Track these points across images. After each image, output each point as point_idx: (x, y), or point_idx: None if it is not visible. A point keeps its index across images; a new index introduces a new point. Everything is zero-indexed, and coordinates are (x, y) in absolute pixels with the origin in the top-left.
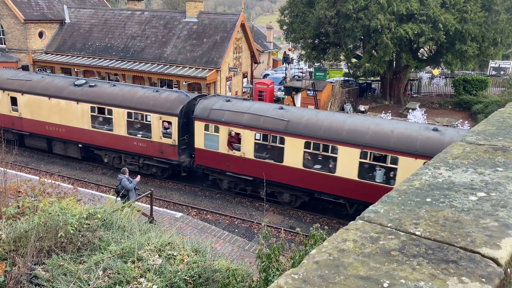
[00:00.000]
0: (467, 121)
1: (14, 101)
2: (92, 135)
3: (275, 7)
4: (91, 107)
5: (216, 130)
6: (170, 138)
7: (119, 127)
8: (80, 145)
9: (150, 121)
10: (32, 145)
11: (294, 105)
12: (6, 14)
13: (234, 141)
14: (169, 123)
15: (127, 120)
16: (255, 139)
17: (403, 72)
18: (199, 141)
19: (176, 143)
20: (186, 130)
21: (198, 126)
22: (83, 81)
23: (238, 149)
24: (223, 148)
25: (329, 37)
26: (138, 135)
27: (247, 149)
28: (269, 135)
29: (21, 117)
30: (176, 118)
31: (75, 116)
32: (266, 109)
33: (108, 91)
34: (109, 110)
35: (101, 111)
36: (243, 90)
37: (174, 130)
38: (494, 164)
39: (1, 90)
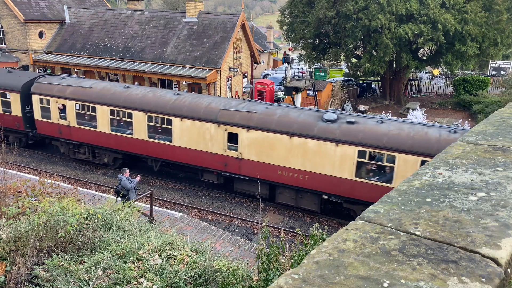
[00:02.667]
0: (467, 121)
1: (233, 138)
2: (354, 186)
3: (275, 7)
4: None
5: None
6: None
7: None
8: (325, 196)
9: None
10: (246, 191)
11: (294, 105)
12: (6, 14)
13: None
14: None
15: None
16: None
17: (403, 72)
18: (37, 113)
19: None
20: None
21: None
22: (335, 117)
23: (65, 119)
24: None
25: (329, 37)
26: None
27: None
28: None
29: (240, 158)
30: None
31: (329, 160)
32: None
33: (383, 131)
34: (391, 157)
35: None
36: (243, 90)
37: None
38: (494, 164)
39: (216, 124)
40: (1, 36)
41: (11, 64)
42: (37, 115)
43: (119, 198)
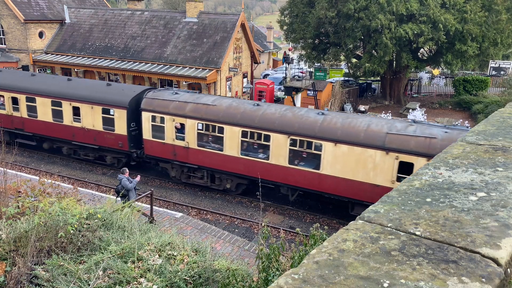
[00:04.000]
0: (467, 121)
1: (405, 168)
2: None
3: (275, 7)
4: None
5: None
6: None
7: None
8: None
9: None
10: None
11: (294, 105)
12: (6, 14)
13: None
14: None
15: None
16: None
17: (403, 72)
18: (147, 132)
19: None
20: None
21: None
22: None
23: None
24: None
25: (329, 37)
26: None
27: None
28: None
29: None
30: None
31: None
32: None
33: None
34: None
35: None
36: (243, 90)
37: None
38: (494, 164)
39: (383, 151)
40: (1, 36)
41: (11, 64)
42: (147, 134)
43: (119, 198)
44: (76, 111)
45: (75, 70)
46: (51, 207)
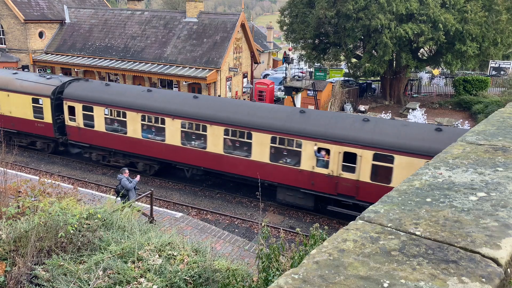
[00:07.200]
0: (467, 121)
1: None
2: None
3: (275, 7)
4: None
5: None
6: None
7: None
8: None
9: None
10: None
11: (294, 105)
12: (6, 14)
13: None
14: None
15: None
16: None
17: (403, 72)
18: None
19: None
20: None
21: None
22: None
23: None
24: None
25: (329, 37)
26: None
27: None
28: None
29: None
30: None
31: None
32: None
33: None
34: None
35: None
36: (243, 90)
37: None
38: (494, 164)
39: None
40: (1, 36)
41: (11, 64)
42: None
43: (119, 198)
44: None
45: (75, 70)
46: (51, 207)
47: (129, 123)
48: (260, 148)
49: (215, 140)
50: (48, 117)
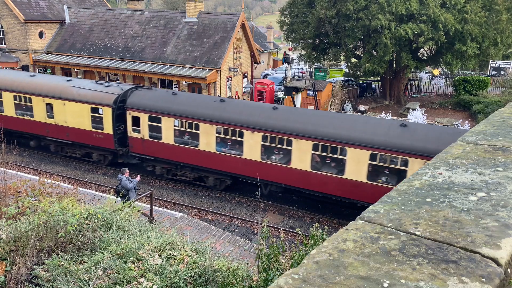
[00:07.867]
0: (467, 121)
1: None
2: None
3: (275, 7)
4: None
5: None
6: None
7: None
8: None
9: None
10: None
11: (294, 105)
12: (6, 14)
13: None
14: None
15: None
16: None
17: (403, 72)
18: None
19: None
20: None
21: None
22: None
23: None
24: None
25: (329, 37)
26: None
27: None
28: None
29: None
30: None
31: None
32: None
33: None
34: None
35: None
36: (243, 90)
37: None
38: (494, 164)
39: None
40: (1, 36)
41: (11, 64)
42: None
43: (119, 198)
44: None
45: (75, 70)
46: (51, 207)
47: (202, 136)
48: (356, 166)
49: (301, 156)
50: (108, 128)
